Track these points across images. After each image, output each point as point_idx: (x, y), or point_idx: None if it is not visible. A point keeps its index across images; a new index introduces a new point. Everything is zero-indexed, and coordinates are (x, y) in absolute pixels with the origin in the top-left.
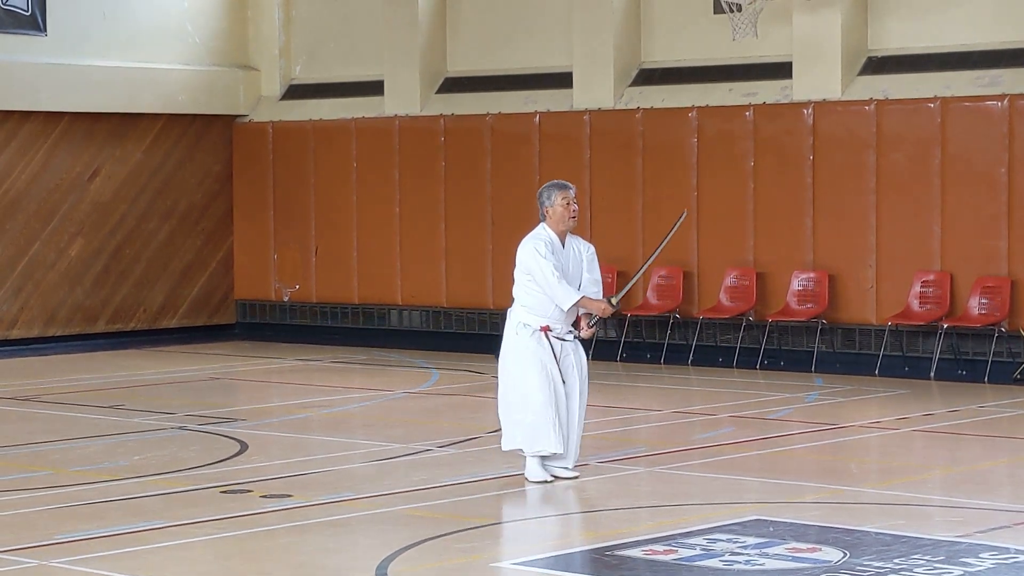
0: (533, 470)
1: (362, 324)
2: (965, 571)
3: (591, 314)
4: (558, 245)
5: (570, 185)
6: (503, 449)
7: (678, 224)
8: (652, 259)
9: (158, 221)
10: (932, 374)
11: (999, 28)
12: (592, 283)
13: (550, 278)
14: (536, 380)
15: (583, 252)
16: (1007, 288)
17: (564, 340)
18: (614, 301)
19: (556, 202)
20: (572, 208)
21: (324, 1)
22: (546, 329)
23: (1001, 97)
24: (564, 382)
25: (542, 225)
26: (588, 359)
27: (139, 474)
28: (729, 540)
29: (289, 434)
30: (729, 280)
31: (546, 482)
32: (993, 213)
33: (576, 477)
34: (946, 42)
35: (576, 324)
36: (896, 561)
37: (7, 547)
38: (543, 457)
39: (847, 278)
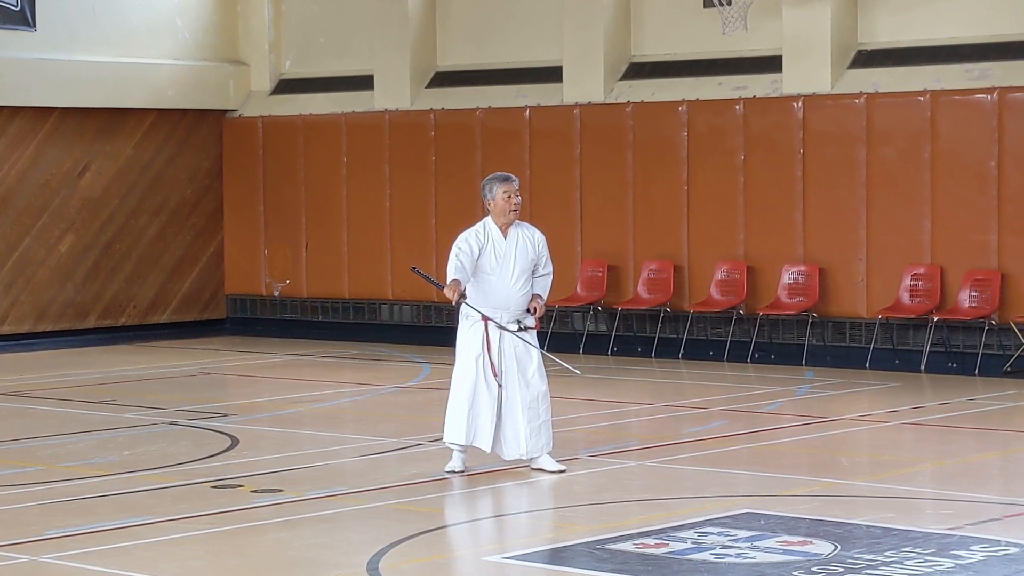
0: (450, 460)
1: (353, 319)
2: (956, 563)
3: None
4: (496, 237)
5: (513, 177)
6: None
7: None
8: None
9: (148, 217)
10: (922, 367)
11: (989, 21)
12: (542, 272)
13: (448, 266)
14: (460, 370)
15: (533, 240)
16: (997, 281)
17: (506, 330)
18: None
19: (497, 195)
20: (513, 201)
21: None
22: (486, 319)
23: (991, 90)
24: (497, 373)
25: (488, 217)
26: (579, 352)
27: (130, 469)
28: (720, 533)
29: (280, 429)
30: (719, 274)
31: (454, 472)
32: (983, 206)
33: (563, 471)
34: (936, 35)
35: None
36: (887, 554)
37: None
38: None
39: (837, 272)
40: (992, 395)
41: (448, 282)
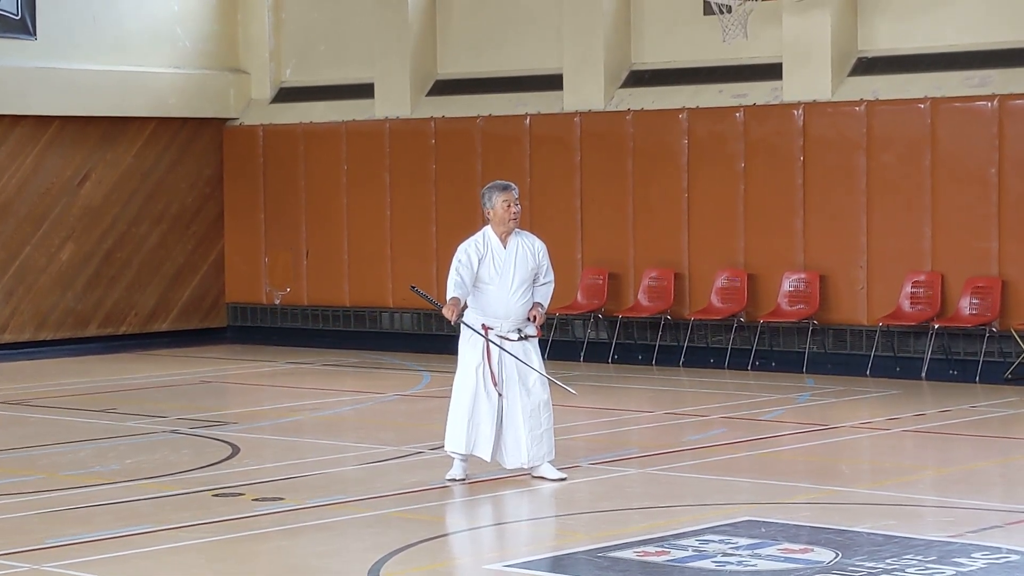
0: (451, 468)
1: (353, 327)
2: (957, 571)
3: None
4: (496, 246)
5: (512, 185)
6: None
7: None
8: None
9: (149, 225)
10: (923, 374)
11: (989, 28)
12: (543, 281)
13: (448, 281)
14: (460, 379)
15: (534, 249)
16: (998, 288)
17: (507, 339)
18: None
19: (497, 204)
20: (512, 210)
21: (314, 4)
22: (486, 328)
23: (991, 97)
24: (497, 383)
25: (488, 226)
26: (579, 360)
27: (131, 478)
28: (721, 541)
29: (281, 437)
30: (720, 281)
31: (455, 481)
32: (983, 213)
33: (564, 479)
34: (936, 43)
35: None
36: (888, 561)
37: None
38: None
39: (838, 279)
40: (993, 402)
41: (447, 300)
